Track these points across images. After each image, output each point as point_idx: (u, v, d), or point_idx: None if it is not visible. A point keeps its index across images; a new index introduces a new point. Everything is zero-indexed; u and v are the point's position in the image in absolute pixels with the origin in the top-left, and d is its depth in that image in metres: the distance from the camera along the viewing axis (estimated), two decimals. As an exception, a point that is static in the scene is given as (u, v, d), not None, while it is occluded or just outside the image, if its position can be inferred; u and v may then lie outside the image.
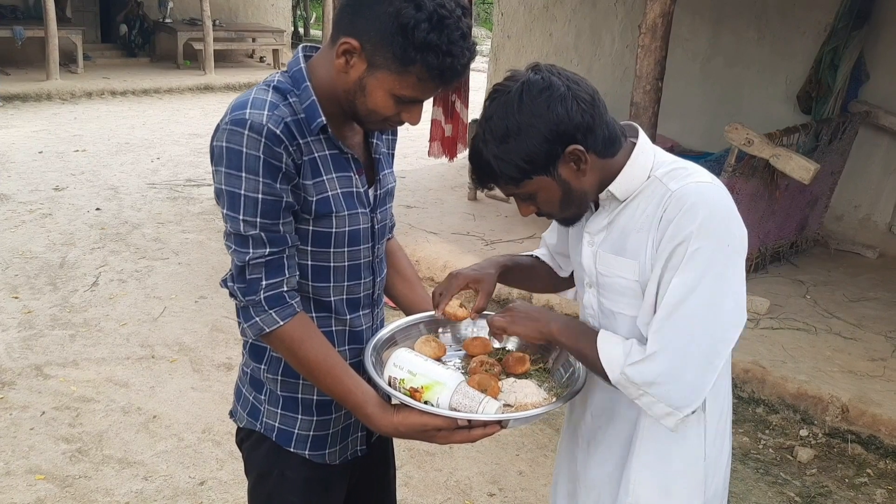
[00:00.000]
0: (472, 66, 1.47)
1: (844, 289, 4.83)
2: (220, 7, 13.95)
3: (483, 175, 1.40)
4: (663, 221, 1.32)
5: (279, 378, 1.51)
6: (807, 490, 3.15)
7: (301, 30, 18.26)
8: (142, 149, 8.31)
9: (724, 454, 1.53)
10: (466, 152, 7.70)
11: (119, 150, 8.17)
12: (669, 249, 1.30)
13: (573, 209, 1.43)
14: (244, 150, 1.28)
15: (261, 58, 14.58)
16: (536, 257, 1.77)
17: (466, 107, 6.53)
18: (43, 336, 4.09)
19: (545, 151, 1.31)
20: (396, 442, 1.81)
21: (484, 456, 3.24)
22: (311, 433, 1.54)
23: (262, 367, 1.52)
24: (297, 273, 1.41)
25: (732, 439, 1.61)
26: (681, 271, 1.28)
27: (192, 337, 4.17)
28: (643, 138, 1.43)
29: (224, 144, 1.30)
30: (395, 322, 1.63)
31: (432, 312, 1.64)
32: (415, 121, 1.40)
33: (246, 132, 1.28)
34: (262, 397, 1.54)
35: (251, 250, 1.33)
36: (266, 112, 1.30)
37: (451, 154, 6.83)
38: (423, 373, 1.37)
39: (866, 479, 3.23)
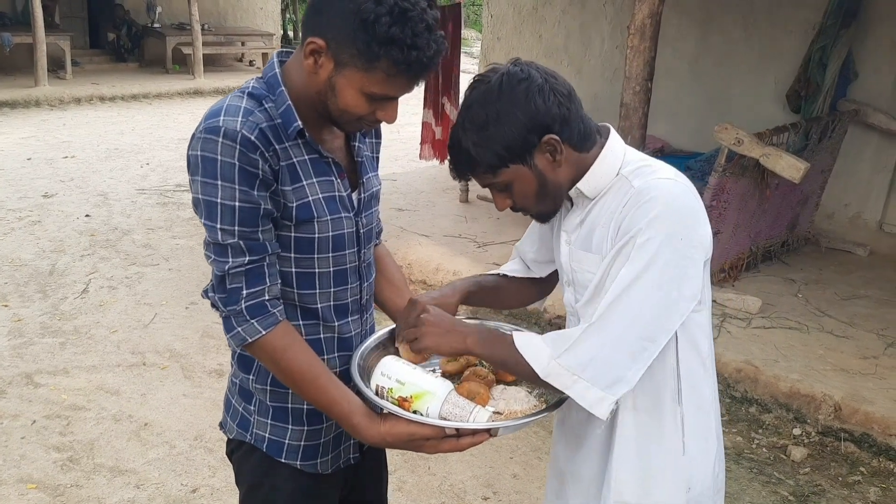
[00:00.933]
0: (463, 67, 1.47)
1: (836, 287, 4.84)
2: (209, 11, 13.92)
3: (461, 163, 1.41)
4: (622, 216, 1.35)
5: (268, 388, 1.49)
6: (800, 489, 3.15)
7: (290, 33, 18.22)
8: (131, 154, 8.28)
9: (709, 452, 1.52)
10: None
11: (108, 156, 8.14)
12: (622, 242, 1.33)
13: (548, 203, 1.45)
14: (219, 157, 1.27)
15: (250, 61, 14.55)
16: (503, 275, 1.76)
17: (457, 109, 6.52)
18: (33, 344, 4.06)
19: (522, 139, 1.34)
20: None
21: (478, 460, 3.23)
22: (303, 443, 1.52)
23: (251, 377, 1.50)
24: (279, 281, 1.39)
25: (725, 439, 1.60)
26: (629, 262, 1.31)
27: (183, 343, 4.14)
28: (614, 137, 1.46)
29: (199, 153, 1.28)
30: (382, 329, 1.61)
31: None
32: (390, 119, 1.37)
33: (220, 139, 1.26)
34: (252, 408, 1.52)
35: (230, 259, 1.31)
36: (240, 118, 1.28)
37: (442, 156, 6.83)
38: (411, 382, 1.35)
39: (860, 477, 3.24)
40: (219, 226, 1.30)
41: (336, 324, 1.50)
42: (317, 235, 1.40)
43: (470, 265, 4.95)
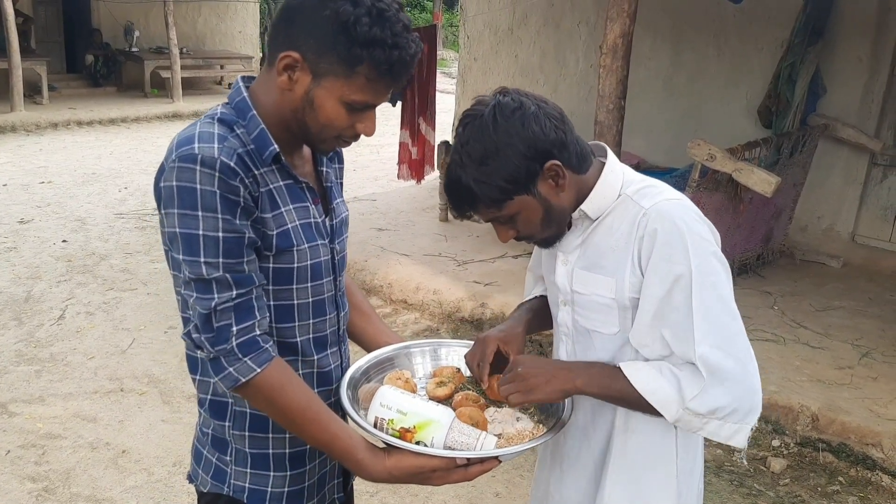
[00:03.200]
0: (440, 87, 1.46)
1: (811, 298, 4.91)
2: (188, 35, 13.93)
3: (463, 201, 1.38)
4: (646, 239, 1.34)
5: (247, 434, 1.40)
6: (780, 500, 3.17)
7: (269, 56, 18.23)
8: (109, 179, 8.23)
9: (696, 470, 1.55)
10: (435, 174, 7.63)
11: (86, 181, 8.09)
12: (669, 278, 1.32)
13: (553, 228, 1.43)
14: (198, 186, 1.20)
15: (229, 84, 14.55)
16: (541, 296, 1.72)
17: (433, 129, 6.57)
18: (8, 372, 4.01)
19: (525, 169, 1.33)
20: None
21: (460, 478, 3.22)
22: (286, 489, 1.44)
23: (227, 424, 1.40)
24: (268, 314, 1.31)
25: (706, 452, 1.63)
26: (695, 296, 1.31)
27: (161, 368, 4.10)
28: (612, 157, 1.45)
29: (174, 184, 1.21)
30: (365, 358, 1.56)
31: (400, 345, 1.61)
32: (370, 130, 1.33)
33: (198, 168, 1.20)
34: (228, 458, 1.42)
35: (216, 295, 1.23)
36: (216, 145, 1.22)
37: (419, 176, 6.87)
38: (413, 412, 1.30)
39: (838, 486, 3.26)
40: (202, 259, 1.22)
41: (315, 357, 1.43)
42: (296, 265, 1.34)
43: (450, 284, 4.97)
